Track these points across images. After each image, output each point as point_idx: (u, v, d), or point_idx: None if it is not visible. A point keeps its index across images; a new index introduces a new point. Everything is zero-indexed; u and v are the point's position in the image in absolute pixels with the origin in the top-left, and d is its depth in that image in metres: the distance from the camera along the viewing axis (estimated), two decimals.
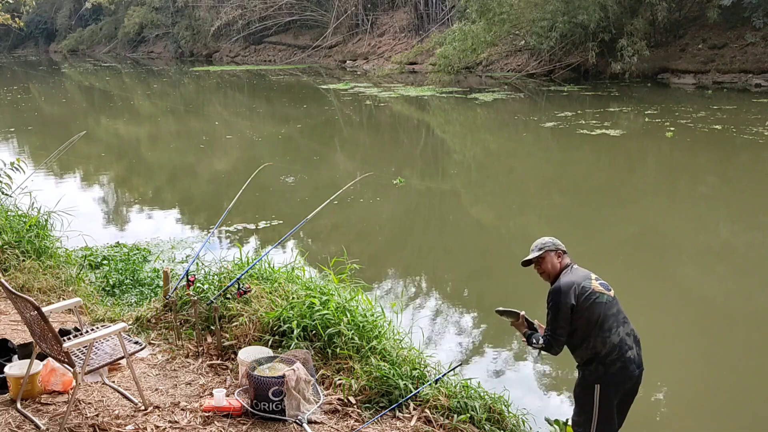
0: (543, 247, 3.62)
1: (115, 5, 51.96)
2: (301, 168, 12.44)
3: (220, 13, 43.42)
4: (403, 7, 36.79)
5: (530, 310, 3.80)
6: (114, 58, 51.51)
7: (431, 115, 20.26)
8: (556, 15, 23.47)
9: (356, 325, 4.31)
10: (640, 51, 22.16)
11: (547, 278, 3.61)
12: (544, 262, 3.60)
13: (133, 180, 13.00)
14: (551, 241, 3.64)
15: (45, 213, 6.79)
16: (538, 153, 14.29)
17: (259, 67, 38.33)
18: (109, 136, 18.33)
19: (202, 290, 4.78)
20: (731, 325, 5.89)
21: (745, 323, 5.91)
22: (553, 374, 4.98)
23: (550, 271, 3.59)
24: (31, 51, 62.89)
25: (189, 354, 4.45)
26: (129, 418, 3.69)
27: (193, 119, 21.26)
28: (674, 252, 7.88)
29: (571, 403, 4.54)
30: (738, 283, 6.98)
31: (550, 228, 9.10)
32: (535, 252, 3.62)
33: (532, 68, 26.03)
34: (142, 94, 28.54)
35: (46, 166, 11.55)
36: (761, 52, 21.43)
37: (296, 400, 3.69)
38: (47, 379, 3.92)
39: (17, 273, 5.75)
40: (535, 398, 4.69)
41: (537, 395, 4.76)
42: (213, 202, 10.90)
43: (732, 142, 13.61)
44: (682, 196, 10.64)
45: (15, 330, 4.86)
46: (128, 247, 7.55)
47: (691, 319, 6.04)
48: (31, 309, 3.40)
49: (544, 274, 3.62)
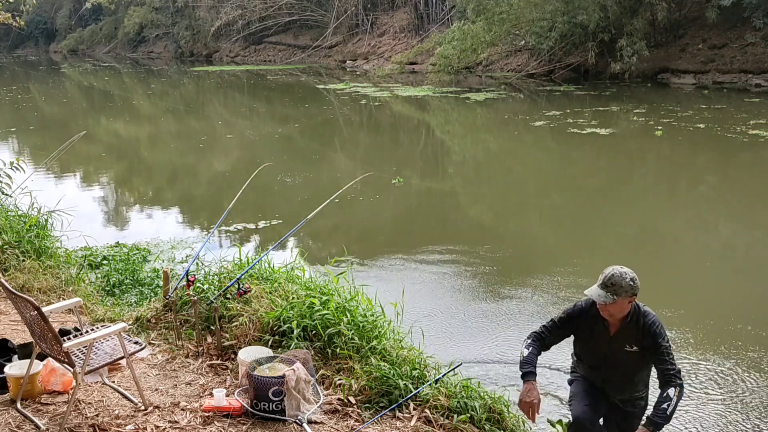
0: (618, 290, 3.17)
1: (115, 5, 51.94)
2: (301, 168, 12.44)
3: (220, 13, 43.41)
4: (403, 7, 36.79)
5: (535, 316, 3.80)
6: (114, 58, 51.51)
7: (430, 115, 20.27)
8: (555, 15, 23.47)
9: (356, 325, 4.31)
10: (640, 51, 22.17)
11: (608, 316, 3.30)
12: (615, 306, 3.24)
13: (133, 180, 13.01)
14: (630, 280, 3.17)
15: (45, 213, 6.79)
16: (531, 150, 14.34)
17: (259, 67, 38.32)
18: (109, 136, 18.33)
19: (202, 290, 4.78)
20: (732, 324, 5.89)
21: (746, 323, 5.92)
22: (554, 374, 4.97)
23: (615, 315, 3.29)
24: (31, 51, 62.87)
25: (189, 354, 4.45)
26: (129, 418, 3.69)
27: (193, 119, 21.26)
28: (674, 251, 7.89)
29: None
30: (738, 282, 6.99)
31: (546, 227, 9.11)
32: (606, 296, 3.19)
33: (531, 68, 26.02)
34: (142, 94, 28.54)
35: (46, 166, 11.55)
36: (761, 52, 21.43)
37: (296, 400, 3.69)
38: (47, 379, 3.92)
39: (17, 273, 5.74)
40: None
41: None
42: (213, 202, 10.90)
43: (718, 140, 13.78)
44: (668, 193, 10.67)
45: (15, 330, 4.86)
46: (128, 247, 7.55)
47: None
48: (31, 309, 3.40)
49: (609, 315, 3.30)
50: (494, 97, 21.28)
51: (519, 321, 5.89)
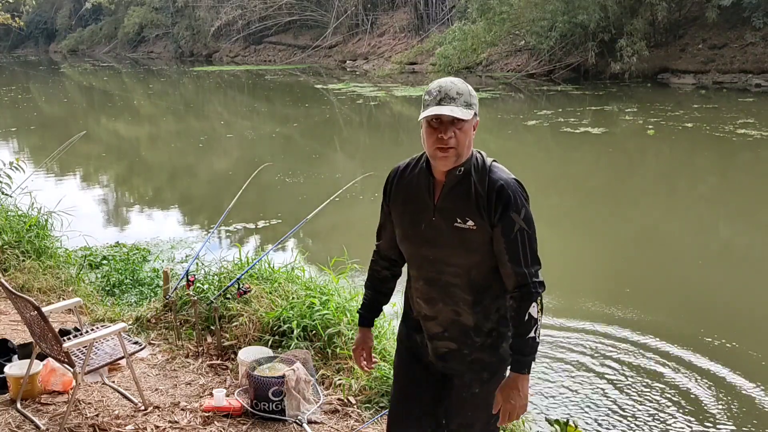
0: (470, 100, 2.16)
1: (115, 5, 51.94)
2: (301, 167, 12.44)
3: (220, 13, 43.39)
4: (403, 7, 36.78)
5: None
6: (114, 58, 51.50)
7: None
8: (555, 15, 23.47)
9: (357, 325, 4.31)
10: (640, 51, 22.17)
11: (454, 155, 2.17)
12: (467, 129, 2.17)
13: (133, 180, 13.01)
14: (469, 87, 2.20)
15: (45, 213, 6.79)
16: (527, 150, 14.42)
17: (259, 67, 38.31)
18: (109, 136, 18.33)
19: (202, 290, 4.77)
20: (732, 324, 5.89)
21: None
22: (554, 374, 4.98)
23: (464, 144, 2.18)
24: (31, 51, 62.85)
25: (189, 354, 4.45)
26: (129, 418, 3.69)
27: (193, 119, 21.26)
28: (674, 250, 7.89)
29: (571, 403, 4.55)
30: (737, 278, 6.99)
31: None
32: (463, 107, 2.14)
33: (532, 68, 26.02)
34: (142, 94, 28.54)
35: (46, 166, 11.54)
36: (761, 52, 21.43)
37: (296, 400, 3.69)
38: (47, 379, 3.93)
39: (17, 273, 5.75)
40: (535, 398, 4.68)
41: (537, 395, 4.76)
42: (213, 202, 10.90)
43: (705, 140, 13.89)
44: (654, 189, 10.70)
45: (15, 330, 4.86)
46: (128, 247, 7.54)
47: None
48: (31, 309, 3.40)
49: (451, 147, 2.15)
50: (488, 97, 21.32)
51: None
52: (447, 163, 2.21)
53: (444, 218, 2.25)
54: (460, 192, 2.24)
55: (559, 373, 4.95)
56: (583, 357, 5.17)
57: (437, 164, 2.24)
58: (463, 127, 2.16)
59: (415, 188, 2.34)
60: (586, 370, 4.99)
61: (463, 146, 2.18)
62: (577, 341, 5.41)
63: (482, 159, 2.28)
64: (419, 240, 2.32)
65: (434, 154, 2.21)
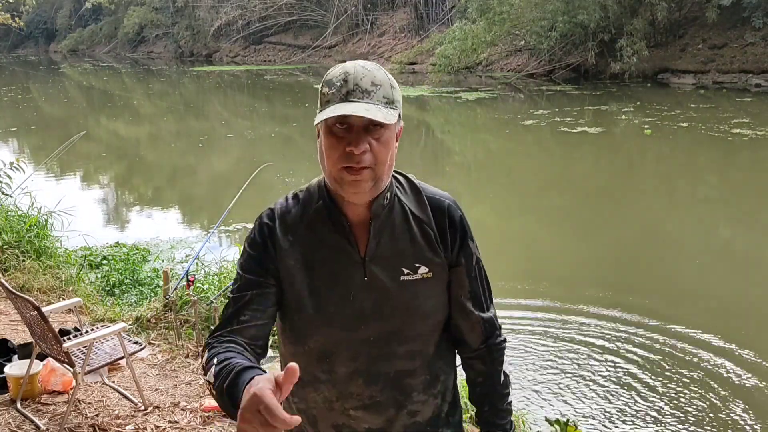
0: (394, 96, 1.44)
1: (115, 5, 51.95)
2: (302, 167, 12.44)
3: (220, 13, 43.43)
4: (403, 7, 36.79)
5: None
6: (114, 58, 51.52)
7: (429, 114, 20.29)
8: (556, 15, 23.47)
9: None
10: (640, 51, 22.17)
11: (370, 178, 1.43)
12: (390, 131, 1.44)
13: (133, 180, 13.01)
14: (390, 75, 1.47)
15: (45, 213, 6.79)
16: (524, 149, 14.44)
17: (259, 67, 38.33)
18: (109, 136, 18.34)
19: (202, 290, 4.78)
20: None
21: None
22: (554, 374, 4.98)
23: (384, 162, 1.44)
24: (31, 51, 62.89)
25: (189, 354, 4.45)
26: (129, 418, 3.69)
27: (193, 119, 21.27)
28: (672, 248, 7.89)
29: (571, 403, 4.55)
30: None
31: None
32: (383, 105, 1.41)
33: (532, 68, 26.02)
34: (142, 94, 28.55)
35: (46, 166, 11.55)
36: (761, 52, 21.43)
37: None
38: (47, 379, 3.93)
39: (17, 273, 5.75)
40: (535, 398, 4.69)
41: (537, 395, 4.76)
42: (213, 202, 10.90)
43: (701, 139, 13.93)
44: (650, 188, 10.70)
45: (15, 330, 4.86)
46: (128, 247, 7.54)
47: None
48: (31, 309, 3.40)
49: (365, 166, 1.41)
50: (486, 97, 21.34)
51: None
52: (360, 190, 1.44)
53: (383, 273, 1.51)
54: (397, 229, 1.53)
55: (559, 373, 4.95)
56: (582, 357, 5.17)
57: (346, 194, 1.46)
58: (382, 135, 1.42)
59: (319, 240, 1.53)
60: (586, 370, 4.99)
61: (383, 164, 1.43)
62: (577, 341, 5.41)
63: (402, 175, 1.61)
64: (350, 318, 1.51)
65: (340, 177, 1.43)
